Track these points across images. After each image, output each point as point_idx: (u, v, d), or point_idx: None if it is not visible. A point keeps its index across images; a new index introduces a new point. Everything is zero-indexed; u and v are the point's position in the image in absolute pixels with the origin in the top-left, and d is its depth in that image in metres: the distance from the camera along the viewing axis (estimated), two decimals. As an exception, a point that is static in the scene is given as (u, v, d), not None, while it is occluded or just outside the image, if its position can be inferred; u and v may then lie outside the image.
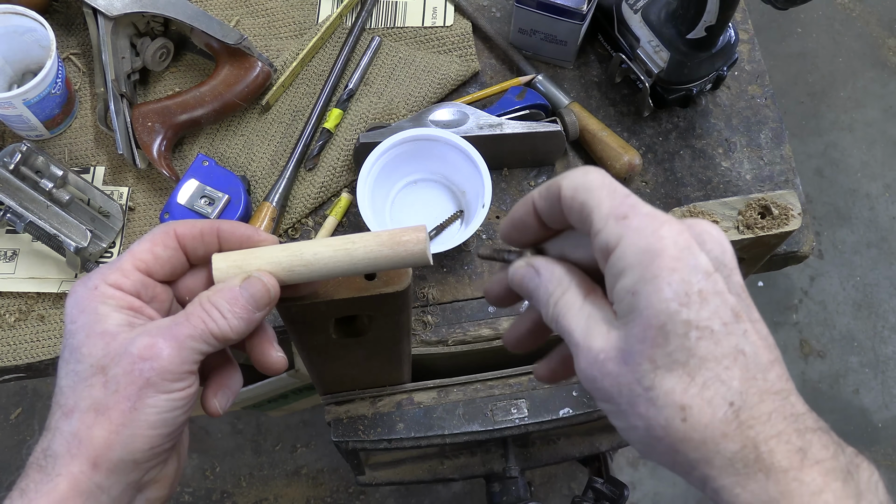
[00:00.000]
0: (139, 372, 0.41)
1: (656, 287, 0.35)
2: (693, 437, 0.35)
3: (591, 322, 0.38)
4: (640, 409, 0.36)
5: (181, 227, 0.46)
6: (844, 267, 1.92)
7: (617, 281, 0.37)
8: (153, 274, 0.46)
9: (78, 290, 0.44)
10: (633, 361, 0.36)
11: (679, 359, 0.35)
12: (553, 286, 0.41)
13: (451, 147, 0.80)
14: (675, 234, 0.36)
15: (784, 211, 0.59)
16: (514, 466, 0.94)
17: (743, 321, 0.36)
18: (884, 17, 2.17)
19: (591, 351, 0.38)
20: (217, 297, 0.44)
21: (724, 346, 0.35)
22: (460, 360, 0.83)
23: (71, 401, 0.42)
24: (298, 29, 0.94)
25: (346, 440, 0.80)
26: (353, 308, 0.55)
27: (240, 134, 0.88)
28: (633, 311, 0.36)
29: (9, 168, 0.77)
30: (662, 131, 0.91)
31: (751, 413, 0.35)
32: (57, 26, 0.90)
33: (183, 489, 1.67)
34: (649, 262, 0.36)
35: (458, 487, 1.66)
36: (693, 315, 0.35)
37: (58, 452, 0.41)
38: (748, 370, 0.35)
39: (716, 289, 0.36)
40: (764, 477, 0.34)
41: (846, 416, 1.78)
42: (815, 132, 2.05)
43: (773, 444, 0.35)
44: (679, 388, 0.35)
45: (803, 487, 0.34)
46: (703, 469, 0.35)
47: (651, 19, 0.84)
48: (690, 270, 0.36)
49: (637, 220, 0.37)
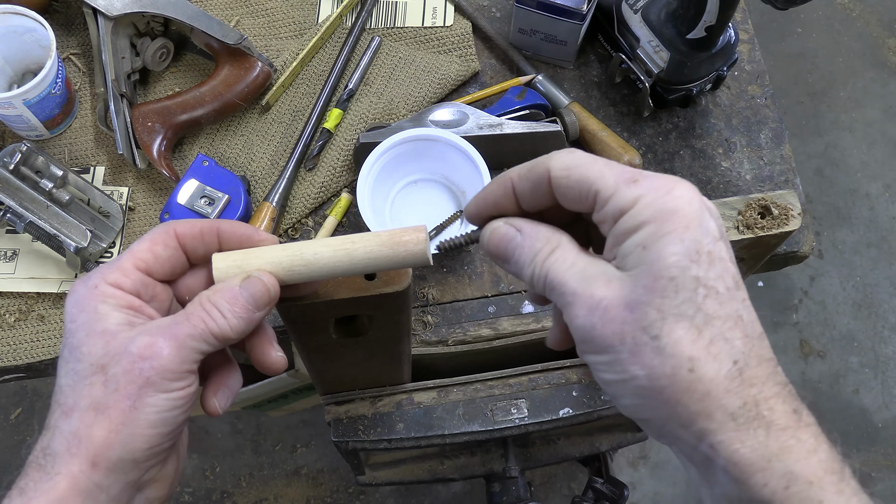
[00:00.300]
0: (139, 371, 0.41)
1: (670, 241, 0.36)
2: (698, 389, 0.36)
3: (588, 274, 0.39)
4: (645, 357, 0.36)
5: (181, 227, 0.46)
6: (844, 267, 1.92)
7: (628, 237, 0.37)
8: (153, 273, 0.46)
9: (78, 290, 0.44)
10: (640, 310, 0.36)
11: (687, 312, 0.36)
12: (540, 244, 0.41)
13: (451, 147, 0.80)
14: (689, 195, 0.38)
15: (784, 211, 0.59)
16: (514, 466, 0.94)
17: (742, 290, 0.38)
18: (884, 17, 2.17)
19: (593, 298, 0.38)
20: (217, 297, 0.44)
21: (728, 308, 0.36)
22: (460, 360, 0.83)
23: (70, 400, 0.42)
24: (298, 29, 0.94)
25: (346, 440, 0.80)
26: (353, 308, 0.54)
27: (240, 134, 0.88)
28: (641, 263, 0.37)
29: (9, 168, 0.77)
30: (662, 131, 0.91)
31: (752, 373, 0.36)
32: (57, 26, 0.90)
33: (183, 489, 1.67)
34: (665, 218, 0.37)
35: (458, 487, 1.66)
36: (702, 273, 0.36)
37: (57, 451, 0.41)
38: (747, 335, 0.37)
39: (721, 254, 0.37)
40: (764, 433, 0.35)
41: (846, 416, 1.78)
42: (815, 132, 2.05)
43: (773, 403, 0.36)
44: (688, 339, 0.36)
45: (801, 444, 0.36)
46: (703, 422, 0.36)
47: (651, 19, 0.84)
48: (703, 232, 0.37)
49: (650, 182, 0.38)
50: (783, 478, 0.35)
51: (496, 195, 0.43)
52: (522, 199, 0.42)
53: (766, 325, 1.34)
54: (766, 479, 0.35)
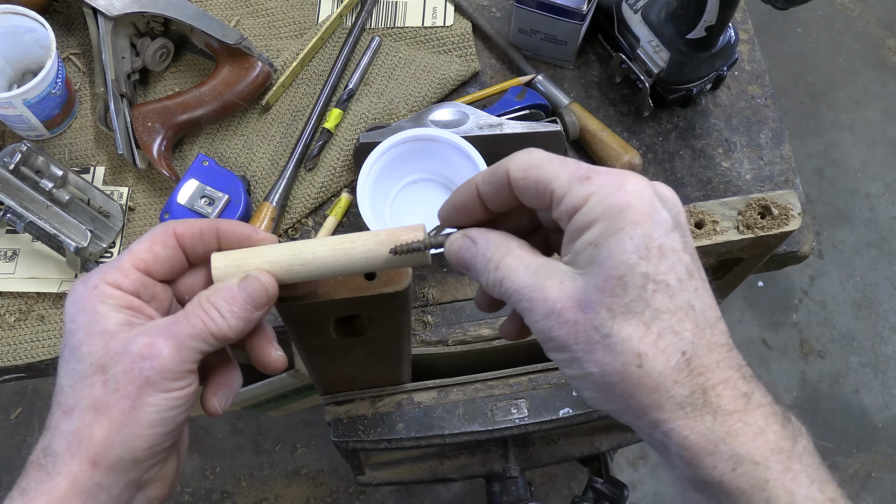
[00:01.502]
0: (139, 371, 0.41)
1: (619, 240, 0.37)
2: (647, 383, 0.37)
3: (541, 276, 0.40)
4: (598, 355, 0.38)
5: (180, 227, 0.46)
6: (844, 267, 1.92)
7: (581, 234, 0.38)
8: (153, 273, 0.46)
9: (77, 290, 0.44)
10: (592, 310, 0.37)
11: (636, 309, 0.37)
12: (491, 251, 0.42)
13: (451, 147, 0.80)
14: (640, 189, 0.38)
15: (784, 211, 0.59)
16: (514, 466, 0.94)
17: (695, 279, 0.38)
18: (884, 17, 2.17)
19: (548, 301, 0.39)
20: (215, 297, 0.44)
21: (678, 300, 0.37)
22: (460, 360, 0.83)
23: (71, 400, 0.42)
24: (298, 29, 0.94)
25: (346, 440, 0.80)
26: (353, 308, 0.54)
27: (240, 134, 0.88)
28: (593, 262, 0.38)
29: (9, 168, 0.77)
30: (662, 131, 0.91)
31: (701, 362, 0.37)
32: (57, 26, 0.90)
33: (183, 489, 1.67)
34: (615, 215, 0.37)
35: (458, 487, 1.66)
36: (651, 269, 0.37)
37: (58, 451, 0.41)
38: (698, 323, 0.38)
39: (673, 246, 0.38)
40: (711, 418, 0.37)
41: (846, 416, 1.78)
42: (815, 132, 2.05)
43: (721, 389, 0.37)
44: (636, 335, 0.37)
45: (747, 427, 0.37)
46: (654, 413, 0.37)
47: (651, 19, 0.84)
48: (653, 225, 0.37)
49: (601, 178, 0.39)
50: (730, 460, 0.37)
51: (463, 200, 0.44)
52: (489, 202, 0.43)
53: (766, 326, 1.34)
54: (715, 461, 0.37)
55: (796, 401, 1.79)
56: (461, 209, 0.45)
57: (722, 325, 0.39)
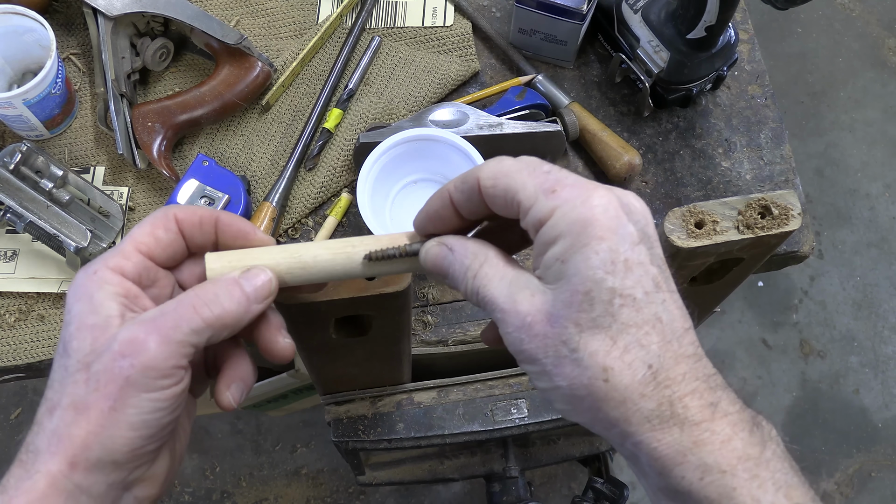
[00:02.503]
0: (119, 370, 0.39)
1: (585, 255, 0.37)
2: (614, 397, 0.37)
3: (515, 288, 0.40)
4: (565, 369, 0.38)
5: (181, 212, 0.45)
6: (844, 267, 1.92)
7: (548, 249, 0.39)
8: (154, 257, 0.45)
9: (78, 277, 0.43)
10: (560, 324, 0.38)
11: (603, 323, 0.37)
12: (469, 259, 0.42)
13: (451, 147, 0.80)
14: (605, 202, 0.38)
15: (784, 211, 0.59)
16: (514, 466, 0.94)
17: (662, 291, 0.39)
18: (884, 17, 2.17)
19: (519, 314, 0.39)
20: (211, 284, 0.43)
21: (645, 313, 0.38)
22: (460, 360, 0.83)
23: (56, 396, 0.41)
24: (298, 29, 0.94)
25: (346, 440, 0.80)
26: (353, 308, 0.55)
27: (240, 134, 0.88)
28: (561, 277, 0.38)
29: (9, 168, 0.77)
30: (662, 131, 0.91)
31: (667, 374, 0.38)
32: (57, 26, 0.90)
33: (183, 489, 1.67)
34: (580, 230, 0.38)
35: (458, 487, 1.66)
36: (618, 283, 0.37)
37: (39, 448, 0.41)
38: (665, 336, 0.38)
39: (640, 259, 0.38)
40: (678, 430, 0.37)
41: (846, 416, 1.78)
42: (815, 132, 2.05)
43: (688, 400, 0.38)
44: (602, 350, 0.37)
45: (714, 436, 0.37)
46: (623, 426, 0.38)
47: (651, 19, 0.84)
48: (619, 240, 0.38)
49: (566, 192, 0.39)
50: (698, 469, 0.37)
51: (436, 208, 0.44)
52: (462, 210, 0.43)
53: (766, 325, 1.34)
54: (684, 471, 0.37)
55: (796, 401, 1.79)
56: (435, 217, 0.44)
57: (690, 336, 0.39)
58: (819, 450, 1.75)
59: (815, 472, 1.72)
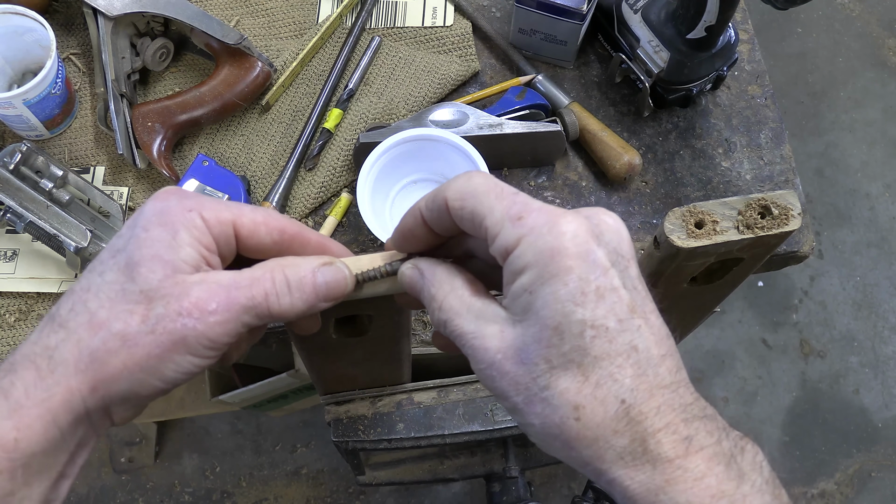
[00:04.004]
0: (180, 327, 0.39)
1: (553, 288, 0.36)
2: (586, 436, 0.36)
3: (482, 322, 0.39)
4: (536, 407, 0.37)
5: (292, 228, 0.44)
6: (844, 267, 1.92)
7: (515, 279, 0.37)
8: (240, 240, 0.43)
9: (171, 201, 0.41)
10: (530, 361, 0.37)
11: (574, 358, 0.36)
12: (435, 288, 0.41)
13: (451, 147, 0.80)
14: (573, 229, 0.37)
15: (784, 211, 0.59)
16: (514, 466, 0.94)
17: (637, 317, 0.37)
18: (884, 17, 2.17)
19: (488, 352, 0.38)
20: (291, 272, 0.41)
21: (618, 343, 0.36)
22: (460, 360, 0.83)
23: (104, 313, 0.39)
24: (298, 29, 0.94)
25: (346, 440, 0.80)
26: (353, 308, 0.54)
27: (240, 134, 0.88)
28: (529, 310, 0.37)
29: (9, 168, 0.77)
30: (662, 131, 0.91)
31: (640, 409, 0.36)
32: (57, 26, 0.90)
33: (183, 489, 1.67)
34: (548, 260, 0.36)
35: (458, 487, 1.66)
36: (588, 314, 0.36)
37: (65, 359, 0.39)
38: (640, 366, 0.36)
39: (612, 285, 0.36)
40: (651, 467, 0.36)
41: (846, 416, 1.78)
42: (815, 132, 2.05)
43: (661, 436, 0.36)
44: (573, 387, 0.36)
45: (687, 474, 0.36)
46: (596, 464, 0.37)
47: (651, 19, 0.84)
48: (588, 268, 0.36)
49: (532, 218, 0.37)
50: None
51: (410, 226, 0.43)
52: (435, 227, 0.42)
53: (766, 325, 1.34)
54: None
55: (796, 401, 1.79)
56: (409, 236, 0.43)
57: (668, 363, 0.37)
58: (819, 450, 1.75)
59: (815, 472, 1.73)
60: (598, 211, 0.39)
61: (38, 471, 0.39)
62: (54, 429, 0.39)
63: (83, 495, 1.65)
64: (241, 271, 0.41)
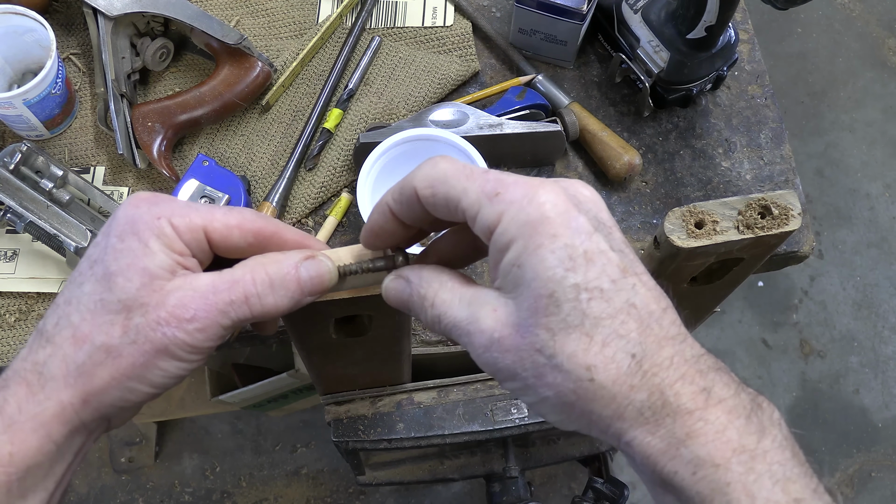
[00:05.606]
0: (162, 334, 0.39)
1: (541, 256, 0.36)
2: (603, 395, 0.36)
3: (475, 307, 0.38)
4: (548, 378, 0.36)
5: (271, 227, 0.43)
6: (844, 267, 1.92)
7: (502, 256, 0.37)
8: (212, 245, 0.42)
9: (141, 209, 0.41)
10: (530, 333, 0.36)
11: (574, 322, 0.35)
12: (424, 288, 0.41)
13: (451, 147, 0.80)
14: (552, 198, 0.36)
15: (784, 211, 0.59)
16: (514, 466, 0.94)
17: (629, 276, 0.37)
18: (884, 17, 2.17)
19: (484, 333, 0.37)
20: (273, 269, 0.41)
21: (616, 302, 0.36)
22: (460, 360, 0.83)
23: (86, 328, 0.40)
24: (298, 29, 0.94)
25: (346, 440, 0.80)
26: (353, 308, 0.54)
27: (240, 134, 0.88)
28: (520, 283, 0.36)
29: (9, 168, 0.77)
30: (662, 131, 0.91)
31: (653, 360, 0.36)
32: (57, 26, 0.90)
33: (183, 489, 1.67)
34: (532, 231, 0.36)
35: (458, 487, 1.66)
36: (580, 278, 0.35)
37: (54, 374, 0.39)
38: (643, 321, 0.36)
39: (599, 248, 0.36)
40: (671, 420, 0.35)
41: (846, 416, 1.78)
42: (815, 132, 2.05)
43: (679, 387, 0.36)
44: (580, 349, 0.35)
45: (708, 426, 0.35)
46: (617, 424, 0.36)
47: (651, 19, 0.84)
48: (572, 234, 0.36)
49: (510, 192, 0.37)
50: (690, 463, 0.35)
51: (380, 223, 0.42)
52: (405, 220, 0.42)
53: (766, 326, 1.34)
54: (676, 466, 0.35)
55: (796, 401, 1.79)
56: (380, 232, 0.43)
57: (670, 315, 0.37)
58: (819, 450, 1.75)
59: (815, 472, 1.72)
60: (573, 182, 0.39)
61: (33, 483, 0.40)
62: (49, 442, 0.39)
63: (83, 495, 1.65)
64: (221, 273, 0.41)
